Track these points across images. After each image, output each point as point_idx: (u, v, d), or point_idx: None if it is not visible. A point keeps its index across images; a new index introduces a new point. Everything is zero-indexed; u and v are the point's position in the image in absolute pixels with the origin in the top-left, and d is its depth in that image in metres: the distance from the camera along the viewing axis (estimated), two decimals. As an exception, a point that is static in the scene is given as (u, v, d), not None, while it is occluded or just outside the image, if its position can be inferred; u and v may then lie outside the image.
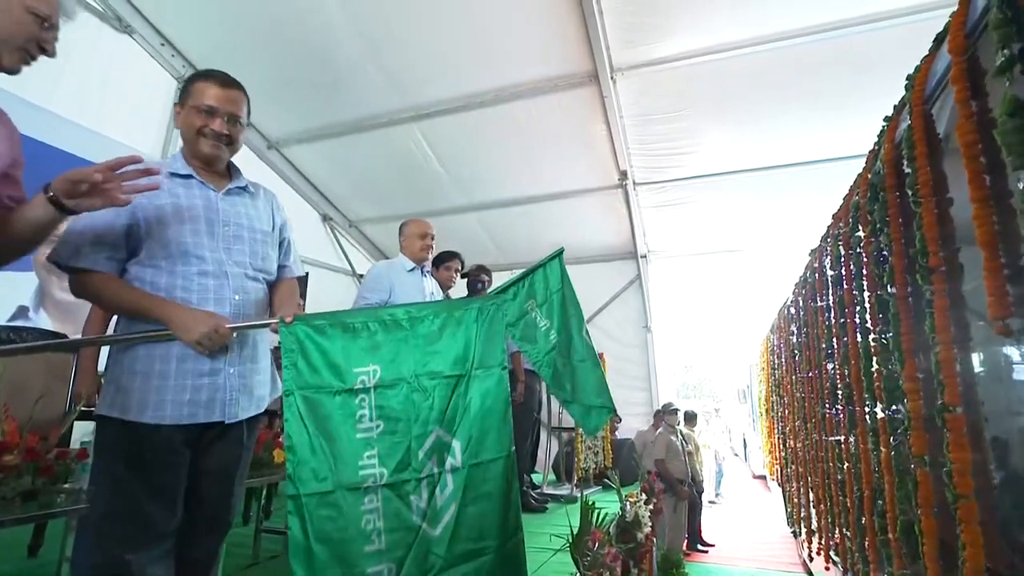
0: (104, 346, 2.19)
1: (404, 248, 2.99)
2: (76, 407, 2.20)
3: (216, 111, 1.44)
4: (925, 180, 1.32)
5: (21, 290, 3.05)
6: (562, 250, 1.88)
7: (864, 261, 1.90)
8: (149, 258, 1.36)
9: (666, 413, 5.85)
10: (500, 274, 2.55)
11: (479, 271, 3.94)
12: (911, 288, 1.50)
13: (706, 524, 6.83)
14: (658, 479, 4.49)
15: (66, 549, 1.67)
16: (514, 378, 3.89)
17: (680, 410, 6.15)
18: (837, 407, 2.50)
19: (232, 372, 1.41)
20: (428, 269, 3.07)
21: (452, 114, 4.43)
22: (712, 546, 6.64)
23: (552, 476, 5.27)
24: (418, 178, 5.25)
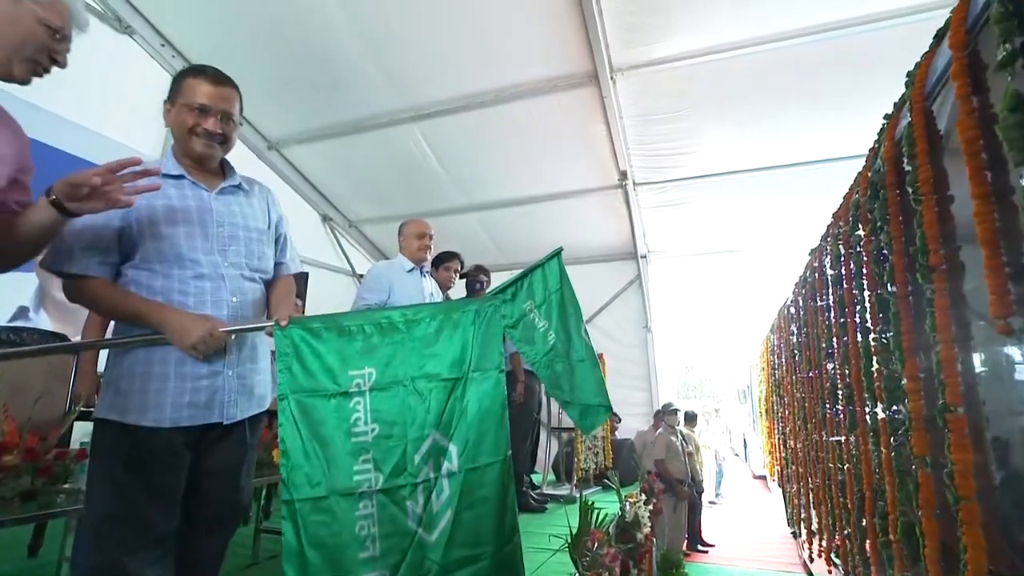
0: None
1: (403, 248, 3.00)
2: (75, 407, 2.21)
3: (209, 109, 1.40)
4: (925, 177, 1.31)
5: (22, 290, 3.05)
6: (561, 249, 1.87)
7: (864, 260, 1.89)
8: (144, 261, 1.35)
9: (666, 413, 5.85)
10: (500, 274, 2.54)
11: (477, 271, 3.94)
12: (911, 287, 1.49)
13: (706, 524, 6.83)
14: (658, 479, 4.48)
15: (66, 549, 1.67)
16: (514, 379, 3.88)
17: (680, 410, 6.15)
18: (837, 407, 2.49)
19: (231, 374, 1.40)
20: (427, 269, 3.07)
21: (452, 114, 4.43)
22: (712, 546, 6.64)
23: (552, 476, 5.26)
24: (418, 178, 5.24)
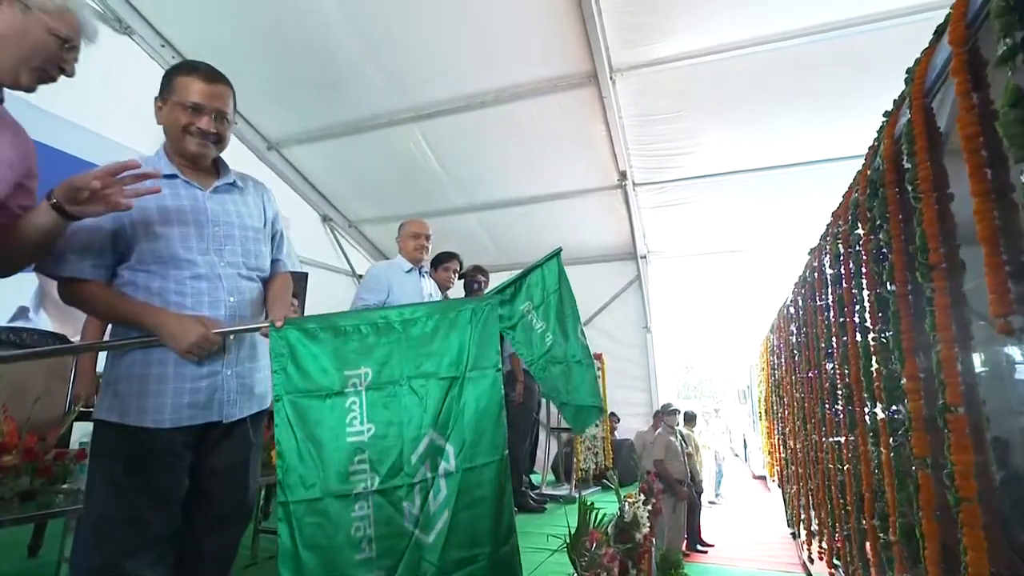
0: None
1: (400, 249, 3.01)
2: (75, 408, 2.20)
3: (203, 108, 1.37)
4: (925, 175, 1.30)
5: (22, 290, 3.05)
6: (560, 250, 1.86)
7: (863, 259, 1.88)
8: (140, 262, 1.33)
9: (665, 414, 5.85)
10: (500, 274, 2.53)
11: (476, 271, 3.94)
12: (911, 286, 1.48)
13: (706, 524, 6.83)
14: (657, 479, 4.48)
15: (65, 549, 1.67)
16: (513, 379, 3.88)
17: (679, 411, 6.15)
18: (837, 407, 2.49)
19: (229, 374, 1.39)
20: (426, 270, 3.07)
21: (452, 114, 4.43)
22: (712, 546, 6.64)
23: (551, 476, 5.25)
24: (418, 178, 5.24)
